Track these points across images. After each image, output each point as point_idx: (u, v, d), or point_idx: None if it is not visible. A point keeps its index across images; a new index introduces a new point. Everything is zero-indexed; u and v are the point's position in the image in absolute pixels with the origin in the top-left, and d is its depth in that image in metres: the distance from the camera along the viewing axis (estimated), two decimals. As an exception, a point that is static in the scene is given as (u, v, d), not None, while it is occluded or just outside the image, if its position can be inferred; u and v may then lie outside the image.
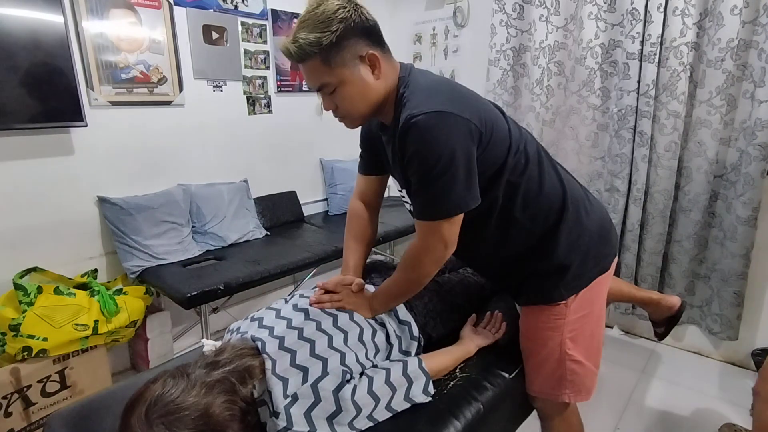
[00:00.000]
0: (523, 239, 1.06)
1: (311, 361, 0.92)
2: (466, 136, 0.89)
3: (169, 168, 2.25)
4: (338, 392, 0.88)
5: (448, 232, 0.96)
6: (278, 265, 2.09)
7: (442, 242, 0.97)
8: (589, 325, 1.11)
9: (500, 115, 1.02)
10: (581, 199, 1.09)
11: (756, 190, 1.80)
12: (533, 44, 2.28)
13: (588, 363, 1.12)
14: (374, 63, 0.94)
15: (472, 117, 0.90)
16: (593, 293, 1.10)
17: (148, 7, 2.04)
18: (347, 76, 0.93)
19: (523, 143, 1.02)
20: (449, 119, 0.87)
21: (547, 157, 1.09)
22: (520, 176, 1.00)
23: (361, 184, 1.30)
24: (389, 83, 0.97)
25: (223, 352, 0.90)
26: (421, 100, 0.90)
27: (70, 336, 1.69)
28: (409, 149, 0.90)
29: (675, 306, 1.59)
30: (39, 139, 1.83)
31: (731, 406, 1.83)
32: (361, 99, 0.96)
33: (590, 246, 1.08)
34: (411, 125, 0.88)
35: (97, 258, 2.06)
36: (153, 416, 0.74)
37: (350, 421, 0.89)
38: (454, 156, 0.87)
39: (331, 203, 3.00)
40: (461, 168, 0.89)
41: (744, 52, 1.80)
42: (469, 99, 0.96)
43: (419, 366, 1.00)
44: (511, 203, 1.01)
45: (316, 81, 0.95)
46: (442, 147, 0.87)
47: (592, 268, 1.09)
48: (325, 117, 2.93)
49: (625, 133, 2.07)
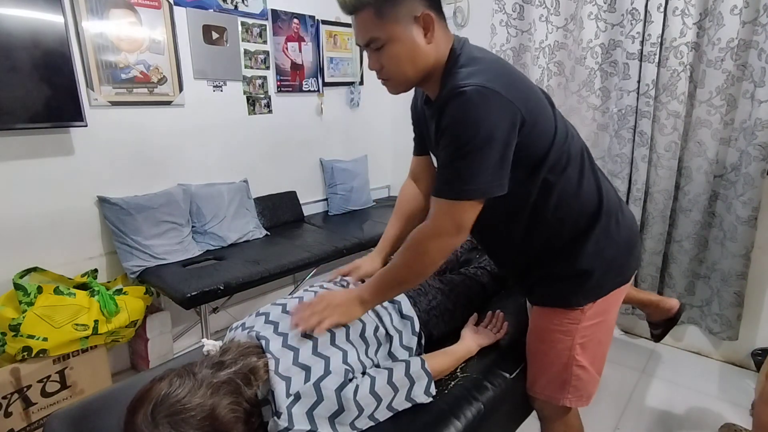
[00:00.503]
0: (548, 240, 1.02)
1: (313, 359, 0.91)
2: (508, 121, 0.84)
3: (169, 168, 2.25)
4: (341, 391, 0.88)
5: (464, 216, 0.89)
6: (278, 265, 2.09)
7: (455, 226, 0.90)
8: (600, 332, 1.09)
9: (549, 108, 0.96)
10: (615, 209, 1.04)
11: (756, 190, 1.80)
12: (533, 44, 2.28)
13: (593, 370, 1.10)
14: (428, 25, 0.89)
15: (520, 103, 0.85)
16: (610, 302, 1.07)
17: (148, 7, 2.04)
18: (398, 33, 0.88)
19: (568, 142, 0.97)
20: (495, 98, 0.83)
21: (590, 161, 1.03)
22: (559, 175, 0.95)
23: (413, 164, 1.28)
24: (440, 51, 0.92)
25: (228, 352, 0.90)
26: (471, 73, 0.86)
27: (70, 336, 1.69)
28: (446, 119, 0.86)
29: (674, 308, 1.58)
30: (39, 139, 1.82)
31: (731, 406, 1.83)
32: (409, 61, 0.91)
33: (616, 256, 1.04)
34: (455, 95, 0.83)
35: (97, 258, 2.06)
36: (159, 416, 0.74)
37: (352, 420, 0.89)
38: (492, 136, 0.82)
39: (331, 203, 3.00)
40: (495, 150, 0.83)
41: (744, 52, 1.80)
42: (521, 84, 0.91)
43: (422, 366, 1.00)
44: (544, 202, 0.96)
45: (366, 34, 0.91)
46: (481, 123, 0.82)
47: (614, 278, 1.06)
48: (325, 117, 2.93)
49: (625, 133, 2.07)
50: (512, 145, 0.86)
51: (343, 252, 2.36)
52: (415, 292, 1.24)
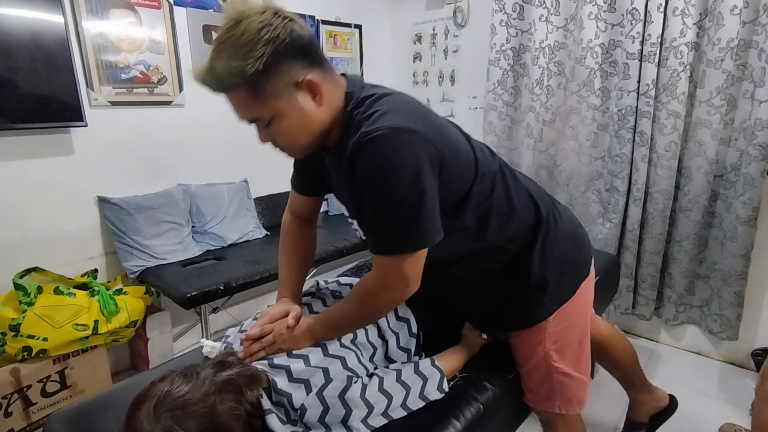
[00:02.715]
0: (499, 260, 0.98)
1: (310, 371, 0.90)
2: (430, 162, 0.76)
3: (169, 168, 2.25)
4: (344, 395, 0.88)
5: (411, 269, 0.83)
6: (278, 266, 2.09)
7: (403, 281, 0.85)
8: (575, 334, 1.05)
9: (462, 138, 0.90)
10: (551, 209, 1.01)
11: (756, 190, 1.80)
12: (533, 44, 2.28)
13: (578, 375, 1.07)
14: (315, 88, 0.80)
15: (435, 138, 0.78)
16: (575, 302, 1.03)
17: (148, 7, 2.04)
18: (283, 108, 0.79)
19: (488, 166, 0.91)
20: (411, 137, 0.75)
21: (509, 171, 0.98)
22: (488, 199, 0.90)
23: (296, 200, 1.14)
24: (334, 106, 0.84)
25: (232, 354, 0.92)
26: (376, 116, 0.77)
27: (70, 336, 1.69)
28: (363, 171, 0.77)
29: (664, 400, 1.50)
30: (39, 139, 1.83)
31: (731, 406, 1.83)
32: (302, 131, 0.83)
33: (566, 254, 1.01)
34: (365, 143, 0.74)
35: (97, 258, 2.06)
36: (161, 411, 0.74)
37: (364, 418, 0.89)
38: (419, 179, 0.75)
39: (330, 203, 2.99)
40: (424, 194, 0.76)
41: (744, 52, 1.80)
42: (430, 117, 0.84)
43: (432, 364, 1.01)
44: (485, 227, 0.92)
45: (246, 115, 0.82)
46: (403, 168, 0.74)
47: (572, 276, 1.03)
48: (325, 117, 2.93)
49: (625, 133, 2.07)
50: (436, 186, 0.79)
51: (343, 252, 2.36)
52: None
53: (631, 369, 1.47)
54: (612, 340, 1.43)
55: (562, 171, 2.36)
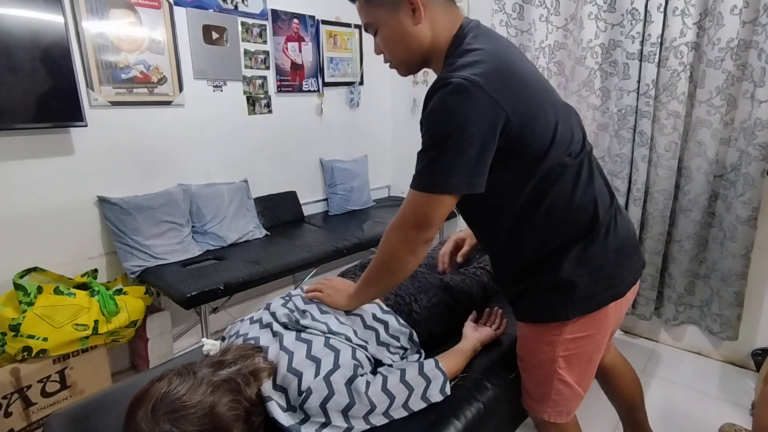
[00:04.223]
0: (534, 249, 0.95)
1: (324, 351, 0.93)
2: (488, 119, 0.79)
3: (169, 168, 2.25)
4: (350, 384, 0.89)
5: (429, 212, 0.85)
6: (278, 265, 2.09)
7: (417, 219, 0.86)
8: (588, 348, 1.01)
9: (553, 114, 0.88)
10: (608, 221, 0.96)
11: (756, 190, 1.80)
12: (533, 44, 2.28)
13: (578, 387, 1.04)
14: (415, 6, 0.86)
15: (507, 103, 0.80)
16: (599, 318, 0.98)
17: (148, 7, 2.04)
18: (384, 18, 0.88)
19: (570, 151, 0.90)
20: (478, 94, 0.78)
21: (589, 172, 0.95)
22: (552, 184, 0.89)
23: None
24: (439, 33, 0.89)
25: (228, 352, 0.91)
26: (465, 64, 0.82)
27: (70, 336, 1.69)
28: (426, 109, 0.84)
29: None
30: (39, 139, 1.83)
31: (731, 406, 1.83)
32: (399, 44, 0.90)
33: (605, 267, 0.96)
34: (441, 85, 0.80)
35: (97, 258, 2.06)
36: (159, 413, 0.74)
37: (365, 414, 0.89)
38: (468, 131, 0.78)
39: (331, 203, 3.00)
40: (470, 146, 0.79)
41: (744, 52, 1.80)
42: (518, 83, 0.84)
43: (436, 366, 1.01)
44: (533, 209, 0.91)
45: (362, 19, 0.93)
46: (457, 116, 0.78)
47: (603, 291, 0.97)
48: (325, 117, 2.93)
49: (625, 133, 2.07)
50: (490, 146, 0.81)
51: (343, 252, 2.36)
52: (415, 289, 1.24)
53: (633, 407, 1.41)
54: (618, 371, 1.38)
55: (562, 171, 2.36)
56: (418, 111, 3.15)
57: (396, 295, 1.21)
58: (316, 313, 1.04)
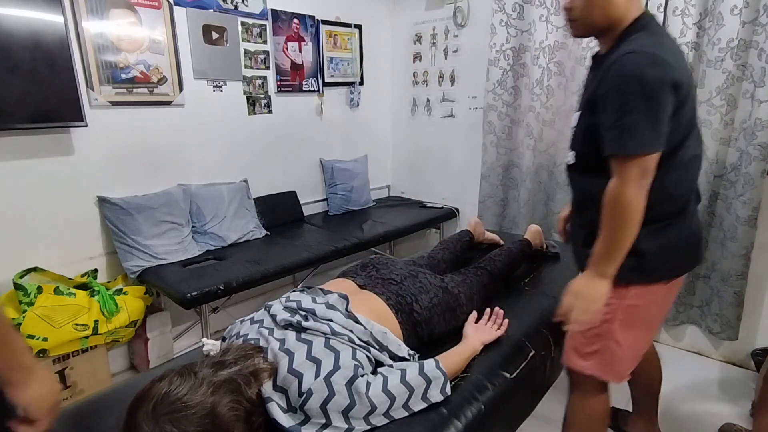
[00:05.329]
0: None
1: (324, 352, 0.93)
2: (671, 83, 0.90)
3: (169, 168, 2.25)
4: (351, 385, 0.89)
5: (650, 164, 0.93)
6: (278, 265, 2.09)
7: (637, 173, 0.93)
8: (646, 316, 1.10)
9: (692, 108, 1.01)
10: (690, 214, 1.08)
11: (756, 190, 1.80)
12: (533, 44, 2.28)
13: (629, 352, 1.11)
14: None
15: (681, 76, 0.92)
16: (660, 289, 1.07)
17: (148, 7, 2.04)
18: None
19: (689, 145, 1.01)
20: (663, 63, 0.90)
21: (696, 169, 1.07)
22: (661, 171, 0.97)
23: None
24: (629, 12, 0.99)
25: (229, 352, 0.91)
26: (645, 44, 0.93)
27: (70, 336, 1.69)
28: (612, 76, 0.92)
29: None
30: (39, 139, 1.82)
31: (731, 406, 1.83)
32: (600, 8, 0.99)
33: (678, 248, 1.06)
34: (625, 54, 0.91)
35: (97, 258, 2.06)
36: (160, 413, 0.74)
37: (365, 415, 0.89)
38: (658, 94, 0.89)
39: (331, 203, 3.00)
40: (660, 108, 0.90)
41: (744, 52, 1.80)
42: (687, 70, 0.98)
43: (436, 366, 1.01)
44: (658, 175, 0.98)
45: None
46: (651, 81, 0.88)
47: (667, 269, 1.07)
48: (325, 117, 2.93)
49: (625, 133, 2.06)
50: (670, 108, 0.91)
51: (343, 252, 2.36)
52: (416, 289, 1.24)
53: (651, 393, 1.52)
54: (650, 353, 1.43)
55: (562, 171, 2.36)
56: (418, 111, 3.16)
57: (397, 295, 1.21)
58: (319, 313, 1.04)
